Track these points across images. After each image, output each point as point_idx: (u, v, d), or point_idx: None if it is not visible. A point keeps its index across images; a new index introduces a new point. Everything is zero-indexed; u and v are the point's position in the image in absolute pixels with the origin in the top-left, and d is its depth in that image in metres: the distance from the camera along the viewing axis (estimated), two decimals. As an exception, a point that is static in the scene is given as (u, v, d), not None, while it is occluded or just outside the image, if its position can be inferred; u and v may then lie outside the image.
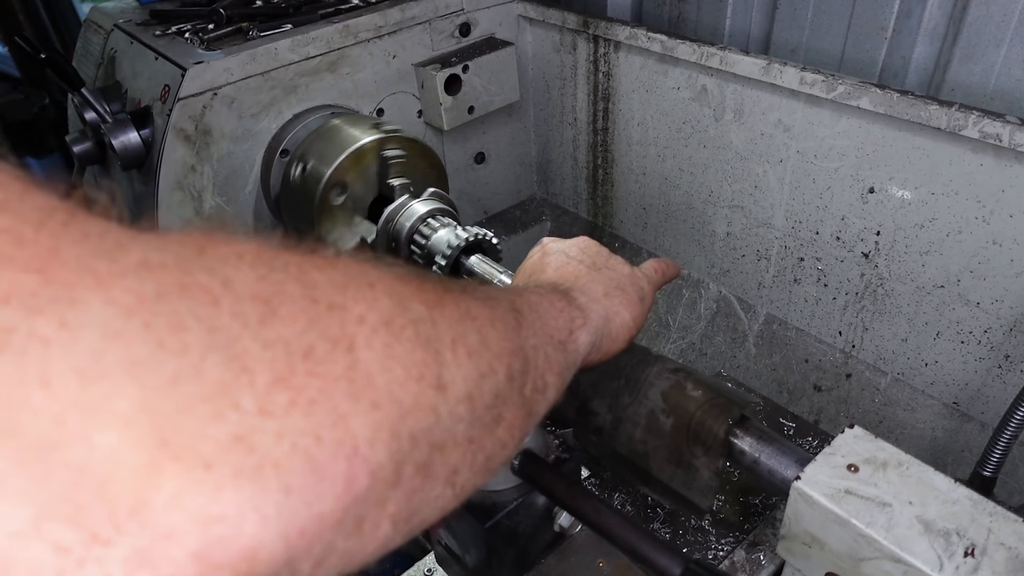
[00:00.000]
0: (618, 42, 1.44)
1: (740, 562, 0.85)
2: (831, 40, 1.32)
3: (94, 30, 1.57)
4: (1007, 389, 1.11)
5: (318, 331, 0.31)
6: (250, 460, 0.26)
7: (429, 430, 0.35)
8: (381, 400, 0.32)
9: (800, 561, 0.60)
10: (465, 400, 0.39)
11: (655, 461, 0.71)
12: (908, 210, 1.12)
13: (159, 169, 1.22)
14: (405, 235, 1.18)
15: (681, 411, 0.70)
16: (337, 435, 0.29)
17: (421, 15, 1.43)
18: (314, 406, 0.29)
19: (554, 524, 0.84)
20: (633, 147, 1.54)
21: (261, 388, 0.27)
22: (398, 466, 0.33)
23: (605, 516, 0.69)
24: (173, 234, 0.30)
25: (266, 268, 0.31)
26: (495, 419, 0.43)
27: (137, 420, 0.24)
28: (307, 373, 0.29)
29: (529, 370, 0.49)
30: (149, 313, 0.25)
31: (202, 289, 0.28)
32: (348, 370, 0.31)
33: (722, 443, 0.68)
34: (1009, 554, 0.51)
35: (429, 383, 0.36)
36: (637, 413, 0.72)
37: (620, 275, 0.74)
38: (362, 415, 0.31)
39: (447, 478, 0.38)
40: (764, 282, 1.41)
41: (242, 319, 0.28)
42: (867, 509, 0.54)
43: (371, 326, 0.34)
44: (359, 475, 0.30)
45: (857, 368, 1.32)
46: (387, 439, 0.32)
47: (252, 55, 1.25)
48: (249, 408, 0.27)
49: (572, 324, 0.60)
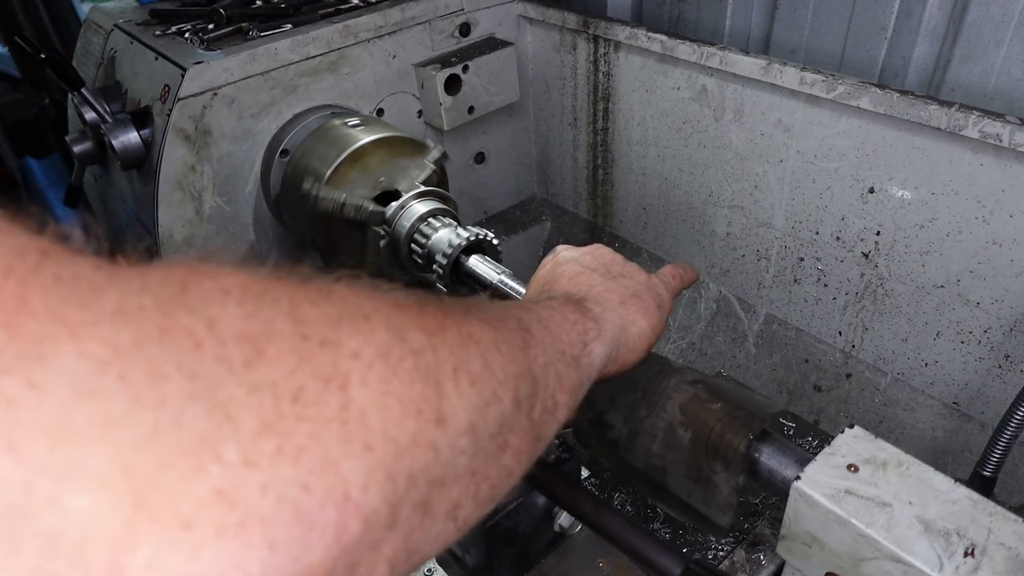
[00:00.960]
0: (618, 42, 1.44)
1: (740, 562, 0.85)
2: (831, 40, 1.32)
3: (94, 30, 1.57)
4: (1007, 389, 1.11)
5: (309, 370, 0.29)
6: (233, 516, 0.25)
7: (428, 467, 0.34)
8: (375, 441, 0.30)
9: (800, 561, 0.60)
10: (467, 432, 0.37)
11: (672, 476, 0.68)
12: (908, 210, 1.12)
13: (159, 169, 1.22)
14: (405, 235, 1.18)
15: (700, 424, 0.67)
16: (327, 482, 0.28)
17: (421, 15, 1.43)
18: (303, 453, 0.27)
19: (554, 524, 0.84)
20: (633, 147, 1.54)
21: (246, 437, 0.26)
22: (394, 508, 0.31)
23: (605, 516, 0.69)
24: (155, 270, 0.29)
25: (254, 304, 0.30)
26: (500, 447, 0.41)
27: (112, 480, 0.23)
28: (296, 417, 0.28)
29: (538, 391, 0.47)
30: (126, 364, 0.24)
31: (184, 332, 0.26)
32: (340, 411, 0.30)
33: (743, 458, 0.65)
34: (1009, 554, 0.51)
35: (428, 418, 0.34)
36: (654, 426, 0.69)
37: (636, 282, 0.71)
38: (354, 458, 0.29)
39: (448, 513, 0.37)
40: (764, 282, 1.41)
41: (226, 363, 0.27)
42: (867, 509, 0.54)
43: (367, 361, 0.32)
44: (350, 522, 0.29)
45: (857, 368, 1.32)
46: (381, 482, 0.30)
47: (252, 55, 1.25)
48: (232, 460, 0.25)
49: (586, 336, 0.58)
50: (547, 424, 0.48)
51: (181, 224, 1.28)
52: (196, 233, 1.30)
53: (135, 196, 1.36)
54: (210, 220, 1.31)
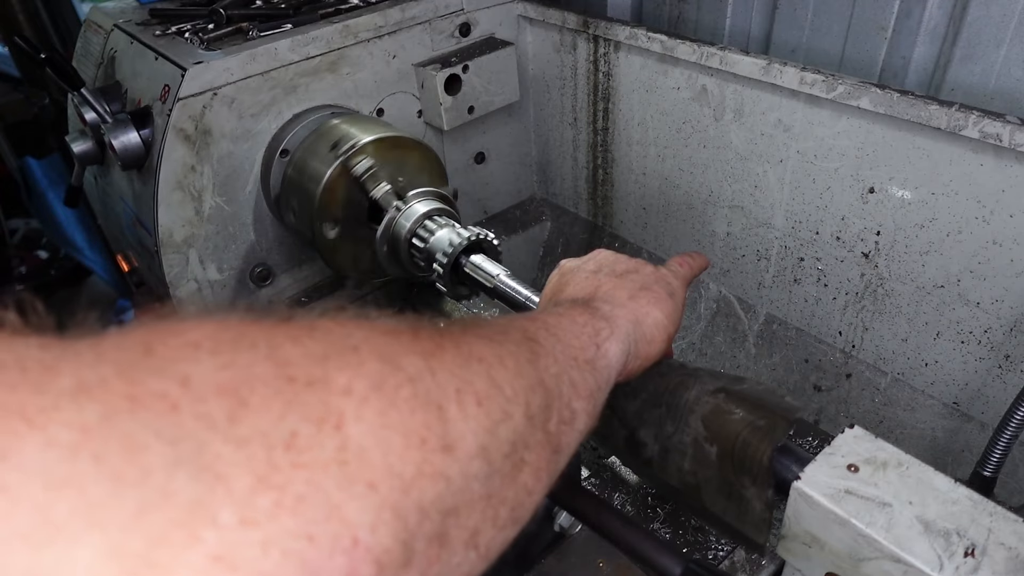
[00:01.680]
0: (618, 42, 1.44)
1: (740, 562, 0.85)
2: (831, 40, 1.32)
3: (94, 30, 1.57)
4: (1007, 389, 1.11)
5: (299, 414, 0.28)
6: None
7: (439, 498, 0.32)
8: (379, 478, 0.29)
9: (800, 561, 0.60)
10: (478, 455, 0.35)
11: (706, 493, 0.66)
12: (908, 210, 1.12)
13: (159, 169, 1.22)
14: (405, 236, 1.18)
15: (724, 437, 0.64)
16: (332, 529, 0.27)
17: (421, 15, 1.43)
18: (302, 503, 0.26)
19: (554, 524, 0.84)
20: (633, 147, 1.54)
21: (240, 495, 0.25)
22: (407, 545, 0.30)
23: (605, 516, 0.69)
24: (111, 338, 0.27)
25: (230, 352, 0.28)
26: (516, 466, 0.39)
27: (104, 568, 0.21)
28: (292, 465, 0.26)
29: (553, 403, 0.45)
30: (97, 443, 0.23)
31: (155, 397, 0.25)
32: (339, 452, 0.28)
33: (767, 471, 0.62)
34: (1009, 554, 0.51)
35: (434, 446, 0.32)
36: (682, 442, 0.67)
37: (644, 275, 0.70)
38: (359, 500, 0.28)
39: (467, 542, 0.35)
40: (764, 282, 1.41)
41: (208, 420, 0.25)
42: (867, 509, 0.54)
43: (360, 395, 0.30)
44: (361, 567, 0.27)
45: (857, 368, 1.32)
46: (390, 520, 0.29)
47: (252, 55, 1.25)
48: (228, 521, 0.24)
49: (598, 337, 0.56)
50: (566, 435, 0.46)
51: (181, 224, 1.28)
52: (196, 233, 1.30)
53: (135, 196, 1.36)
54: (210, 220, 1.31)
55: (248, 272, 1.40)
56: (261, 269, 1.41)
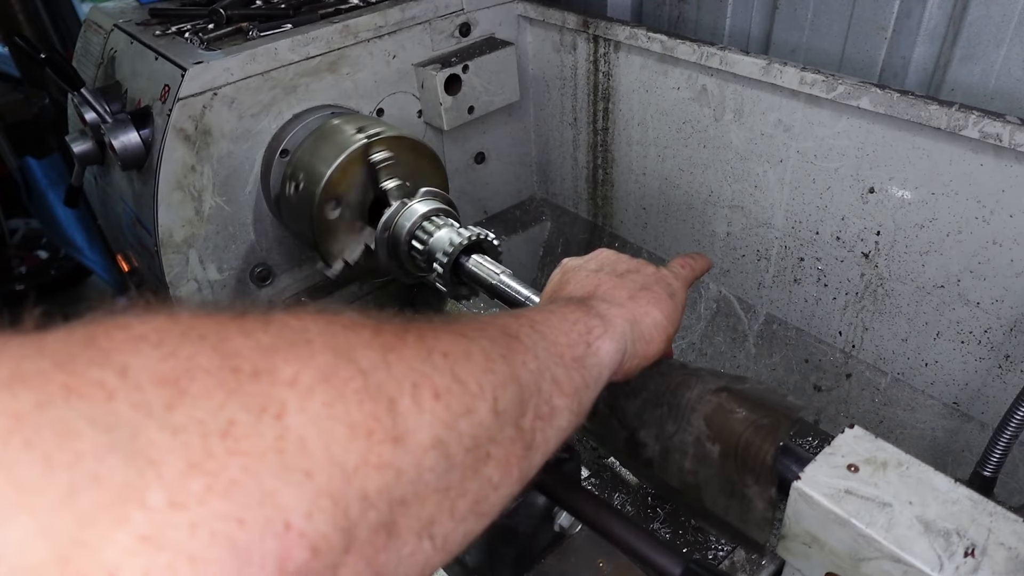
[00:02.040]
0: (618, 42, 1.44)
1: (740, 562, 0.85)
2: (831, 40, 1.32)
3: (94, 30, 1.57)
4: (1007, 389, 1.11)
5: (240, 403, 0.29)
6: (160, 559, 0.24)
7: (387, 488, 0.33)
8: (317, 467, 0.30)
9: (800, 561, 0.60)
10: (433, 448, 0.36)
11: (707, 493, 0.66)
12: (908, 210, 1.12)
13: (159, 169, 1.22)
14: (405, 235, 1.18)
15: (727, 436, 0.64)
16: (264, 514, 0.27)
17: (421, 15, 1.43)
18: (235, 487, 0.27)
19: (554, 524, 0.84)
20: (633, 147, 1.54)
21: (171, 479, 0.26)
22: (347, 531, 0.31)
23: (605, 516, 0.69)
24: (55, 332, 0.28)
25: (175, 344, 0.29)
26: (480, 460, 0.40)
27: (33, 548, 0.22)
28: (227, 452, 0.27)
29: (528, 399, 0.45)
30: (30, 429, 0.24)
31: (92, 386, 0.26)
32: (277, 440, 0.29)
33: (770, 470, 0.62)
34: (1009, 554, 0.51)
35: (381, 438, 0.33)
36: (684, 442, 0.67)
37: (645, 276, 0.71)
38: (295, 487, 0.29)
39: (420, 532, 0.36)
40: (764, 282, 1.41)
41: (145, 408, 0.26)
42: (867, 509, 0.54)
43: (306, 386, 0.31)
44: (293, 551, 0.28)
45: (857, 368, 1.32)
46: (328, 507, 0.30)
47: (252, 55, 1.25)
48: (157, 504, 0.25)
49: (590, 335, 0.57)
50: (542, 431, 0.47)
51: (181, 224, 1.28)
52: (196, 233, 1.30)
53: (135, 196, 1.36)
54: (210, 220, 1.31)
55: (248, 272, 1.40)
56: (261, 269, 1.41)
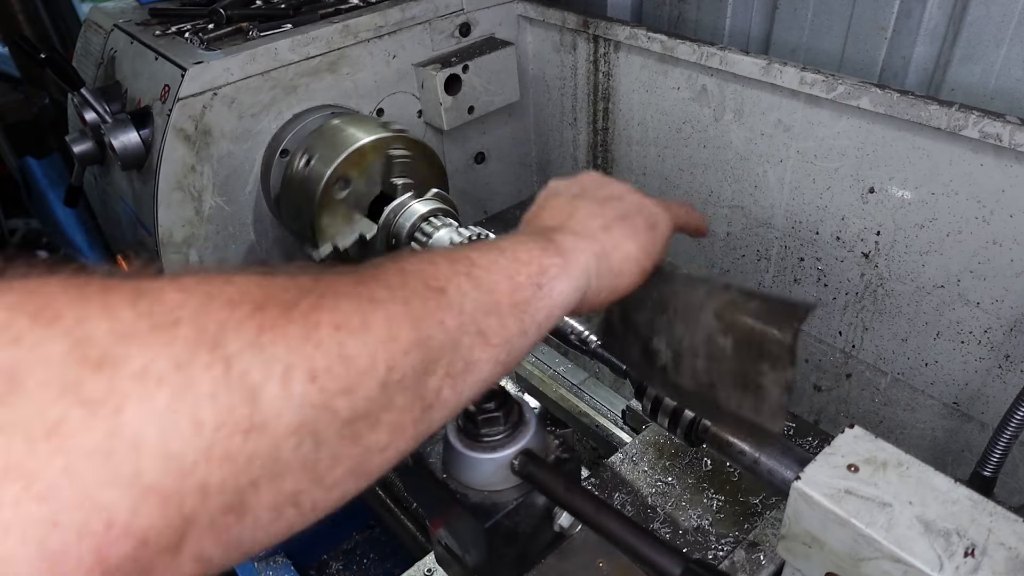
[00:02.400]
0: (618, 42, 1.44)
1: (740, 562, 0.85)
2: (831, 40, 1.32)
3: (94, 30, 1.57)
4: (1007, 389, 1.11)
5: (75, 398, 0.28)
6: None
7: (233, 476, 0.32)
8: (149, 465, 0.29)
9: (800, 561, 0.60)
10: (297, 431, 0.35)
11: (722, 390, 0.66)
12: (908, 210, 1.12)
13: (159, 169, 1.22)
14: (405, 234, 1.18)
15: (739, 327, 0.64)
16: (81, 516, 0.27)
17: (421, 15, 1.43)
18: (53, 490, 0.26)
19: (554, 524, 0.84)
20: (633, 147, 1.54)
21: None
22: (186, 519, 0.30)
23: (605, 516, 0.69)
24: None
25: (22, 328, 0.28)
26: (366, 428, 0.39)
27: None
28: (50, 452, 0.27)
29: (437, 358, 0.44)
30: None
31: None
32: (107, 439, 0.28)
33: (789, 350, 0.61)
34: (1009, 554, 0.51)
35: (231, 431, 0.32)
36: (694, 342, 0.66)
37: (627, 204, 0.68)
38: (120, 487, 0.28)
39: (280, 504, 0.35)
40: (764, 282, 1.41)
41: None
42: (867, 509, 0.54)
43: (155, 378, 0.30)
44: (115, 546, 0.28)
45: (857, 368, 1.32)
46: (157, 503, 0.29)
47: (252, 55, 1.25)
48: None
49: (543, 277, 0.54)
50: (453, 387, 0.45)
51: (181, 224, 1.28)
52: (196, 233, 1.30)
53: (135, 196, 1.36)
54: (210, 220, 1.31)
55: (248, 272, 1.40)
56: (261, 269, 1.41)
